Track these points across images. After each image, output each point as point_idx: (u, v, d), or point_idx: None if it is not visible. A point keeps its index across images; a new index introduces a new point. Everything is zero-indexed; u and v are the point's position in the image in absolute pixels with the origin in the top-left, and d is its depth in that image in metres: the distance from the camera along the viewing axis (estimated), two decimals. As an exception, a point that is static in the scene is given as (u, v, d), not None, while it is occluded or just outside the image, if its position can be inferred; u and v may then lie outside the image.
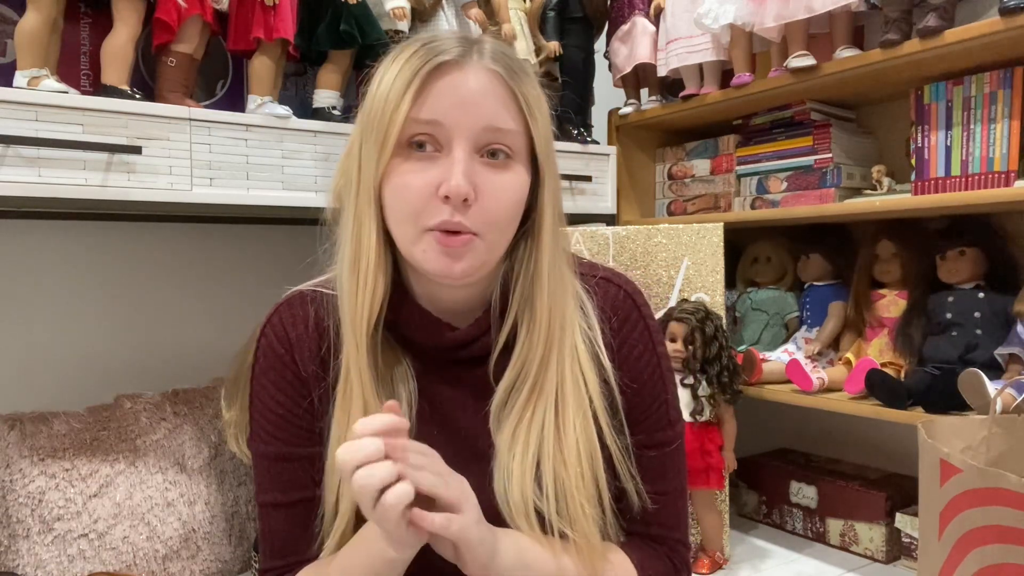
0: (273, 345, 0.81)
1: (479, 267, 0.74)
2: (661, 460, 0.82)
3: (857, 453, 1.68)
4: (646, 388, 0.82)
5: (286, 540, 0.79)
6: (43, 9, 1.14)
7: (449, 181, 0.69)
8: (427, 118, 0.70)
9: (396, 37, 1.46)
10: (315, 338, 0.79)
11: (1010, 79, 1.24)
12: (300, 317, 0.81)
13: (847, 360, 1.47)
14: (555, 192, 0.77)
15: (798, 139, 1.58)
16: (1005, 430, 1.06)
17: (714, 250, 1.46)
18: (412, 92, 0.70)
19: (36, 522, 1.21)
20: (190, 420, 1.40)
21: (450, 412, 0.80)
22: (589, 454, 0.76)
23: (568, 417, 0.76)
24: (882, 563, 1.44)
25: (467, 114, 0.70)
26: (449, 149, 0.71)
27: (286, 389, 0.79)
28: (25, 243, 1.50)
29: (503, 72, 0.73)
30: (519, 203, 0.75)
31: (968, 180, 1.29)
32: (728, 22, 1.52)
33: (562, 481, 0.74)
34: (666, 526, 0.83)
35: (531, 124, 0.74)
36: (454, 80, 0.71)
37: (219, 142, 1.26)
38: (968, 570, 0.90)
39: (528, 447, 0.75)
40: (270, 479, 0.80)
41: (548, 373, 0.76)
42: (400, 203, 0.72)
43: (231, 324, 1.56)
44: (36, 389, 1.48)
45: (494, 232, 0.73)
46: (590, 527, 0.75)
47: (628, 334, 0.82)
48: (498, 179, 0.72)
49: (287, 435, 0.79)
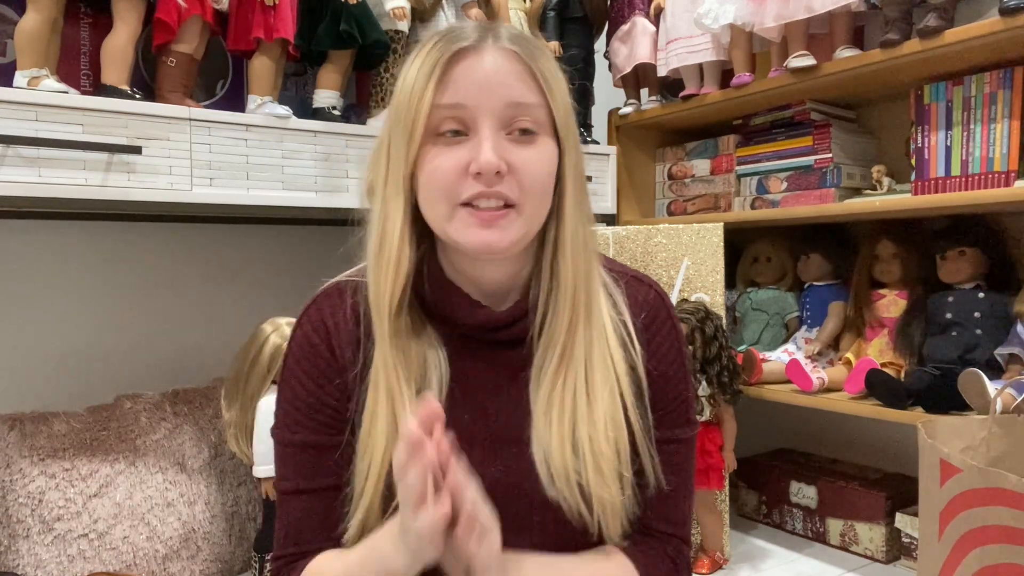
0: (309, 335, 0.82)
1: (517, 239, 0.75)
2: (675, 456, 0.84)
3: (857, 453, 1.68)
4: (670, 384, 0.83)
5: (303, 527, 0.80)
6: (43, 9, 1.14)
7: (479, 157, 0.71)
8: (451, 102, 0.73)
9: (396, 37, 1.46)
10: (353, 325, 0.81)
11: (1010, 79, 1.24)
12: (338, 305, 0.82)
13: (847, 360, 1.47)
14: (577, 164, 0.79)
15: (798, 139, 1.58)
16: (1005, 430, 1.06)
17: (714, 250, 1.46)
18: (435, 80, 0.73)
19: (36, 522, 1.21)
20: (190, 420, 1.41)
21: (482, 396, 0.81)
22: (615, 427, 0.78)
23: (596, 388, 0.78)
24: (882, 563, 1.44)
25: (488, 93, 0.73)
26: (476, 130, 0.73)
27: (318, 378, 0.80)
28: (25, 243, 1.50)
29: (519, 50, 0.75)
30: (551, 174, 0.76)
31: (968, 180, 1.29)
32: (728, 22, 1.52)
33: (597, 444, 0.76)
34: (672, 522, 0.84)
35: (550, 98, 0.76)
36: (473, 63, 0.74)
37: (219, 142, 1.26)
38: (968, 570, 0.90)
39: (564, 412, 0.77)
40: (294, 466, 0.81)
41: (576, 338, 0.77)
42: (433, 185, 0.74)
43: (231, 324, 1.56)
44: (36, 389, 1.48)
45: (530, 203, 0.75)
46: (619, 494, 0.77)
47: (657, 330, 0.84)
48: (527, 152, 0.74)
49: (315, 423, 0.80)
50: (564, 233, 0.78)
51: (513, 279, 0.81)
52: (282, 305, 1.48)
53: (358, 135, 1.41)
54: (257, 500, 1.39)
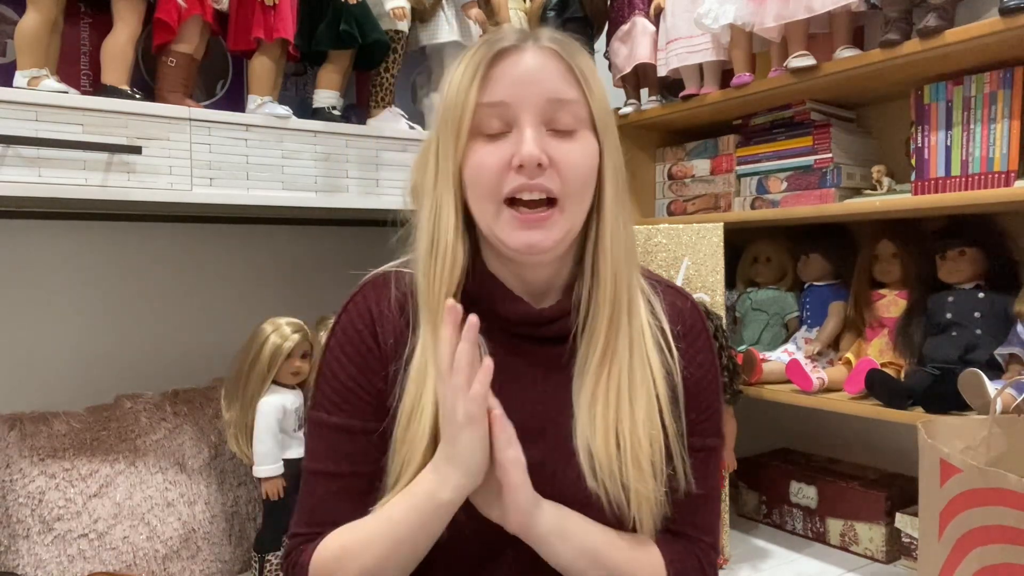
0: (354, 320, 0.83)
1: (560, 239, 0.77)
2: (705, 464, 0.85)
3: (857, 453, 1.68)
4: (704, 394, 0.85)
5: (325, 510, 0.81)
6: (43, 9, 1.14)
7: (520, 150, 0.74)
8: (494, 100, 0.76)
9: (396, 37, 1.46)
10: (397, 314, 0.82)
11: (1010, 79, 1.24)
12: (384, 295, 0.84)
13: (847, 360, 1.47)
14: (617, 163, 0.81)
15: (798, 139, 1.58)
16: (1005, 430, 1.06)
17: (714, 250, 1.46)
18: (478, 79, 0.76)
19: (36, 522, 1.21)
20: (190, 420, 1.41)
21: (521, 389, 0.82)
22: (653, 425, 0.80)
23: (636, 386, 0.80)
24: (882, 563, 1.44)
25: (529, 90, 0.75)
26: (518, 126, 0.75)
27: (360, 364, 0.82)
28: (25, 243, 1.50)
29: (559, 49, 0.78)
30: (592, 168, 0.78)
31: (968, 180, 1.29)
32: (728, 22, 1.52)
33: (637, 439, 0.78)
34: (700, 528, 0.86)
35: (589, 95, 0.78)
36: (514, 62, 0.76)
37: (219, 142, 1.26)
38: (968, 570, 0.90)
39: (608, 407, 0.78)
40: (325, 448, 0.82)
41: (619, 336, 0.79)
42: (478, 181, 0.76)
43: (231, 324, 1.56)
44: (36, 389, 1.48)
45: (572, 198, 0.77)
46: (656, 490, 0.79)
47: (694, 340, 0.86)
48: (568, 147, 0.76)
49: (353, 408, 0.81)
50: (604, 231, 0.80)
51: (555, 278, 0.83)
52: (282, 305, 1.49)
53: (358, 135, 1.41)
54: (257, 500, 1.39)
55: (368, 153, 1.42)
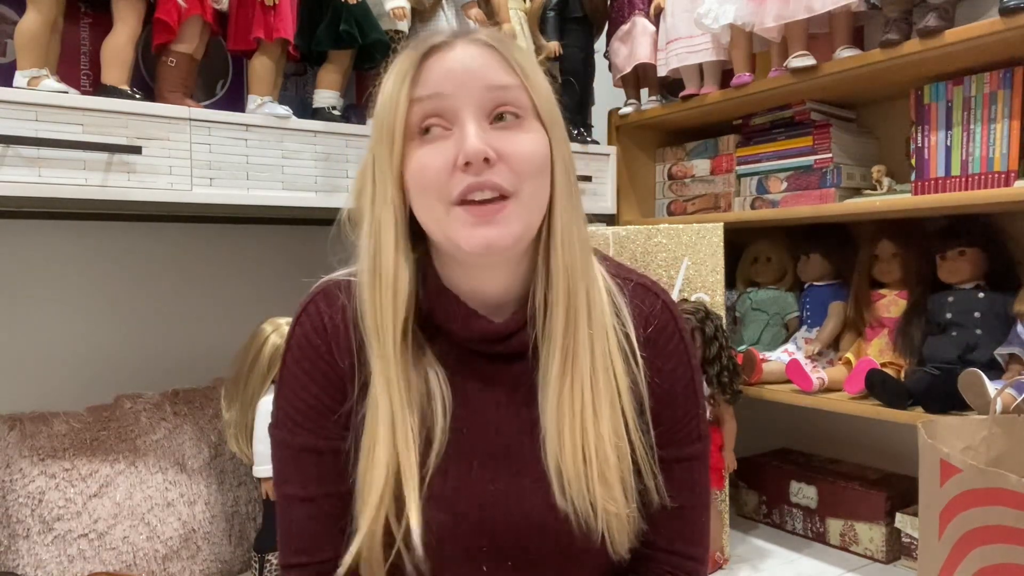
0: (308, 335, 0.78)
1: (520, 234, 0.71)
2: (688, 474, 0.81)
3: (857, 453, 1.68)
4: (678, 402, 0.80)
5: (309, 536, 0.77)
6: (43, 9, 1.14)
7: (464, 146, 0.68)
8: (427, 94, 0.71)
9: (396, 37, 1.46)
10: (351, 330, 0.77)
11: (1010, 79, 1.24)
12: (336, 307, 0.78)
13: (847, 360, 1.47)
14: (565, 155, 0.75)
15: (798, 139, 1.58)
16: (1005, 430, 1.06)
17: (714, 250, 1.46)
18: (409, 77, 0.71)
19: (36, 522, 1.21)
20: (190, 420, 1.41)
21: (483, 412, 0.78)
22: (618, 436, 0.75)
23: (601, 398, 0.74)
24: (882, 563, 1.44)
25: (464, 80, 0.71)
26: (459, 122, 0.70)
27: (319, 380, 0.77)
28: (25, 243, 1.50)
29: (492, 42, 0.73)
30: (543, 157, 0.73)
31: (968, 180, 1.29)
32: (728, 22, 1.52)
33: (603, 452, 0.73)
34: (688, 541, 0.81)
35: (527, 82, 0.73)
36: (446, 56, 0.72)
37: (219, 142, 1.26)
38: (968, 570, 0.90)
39: (574, 418, 0.73)
40: (294, 469, 0.77)
41: (578, 338, 0.74)
42: (422, 185, 0.71)
43: (231, 324, 1.56)
44: (36, 389, 1.48)
45: (526, 189, 0.71)
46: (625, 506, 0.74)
47: (664, 346, 0.80)
48: (516, 137, 0.71)
49: (316, 427, 0.77)
50: (555, 226, 0.74)
51: (513, 284, 0.77)
52: (282, 305, 1.48)
53: (358, 135, 1.41)
54: (257, 500, 1.39)
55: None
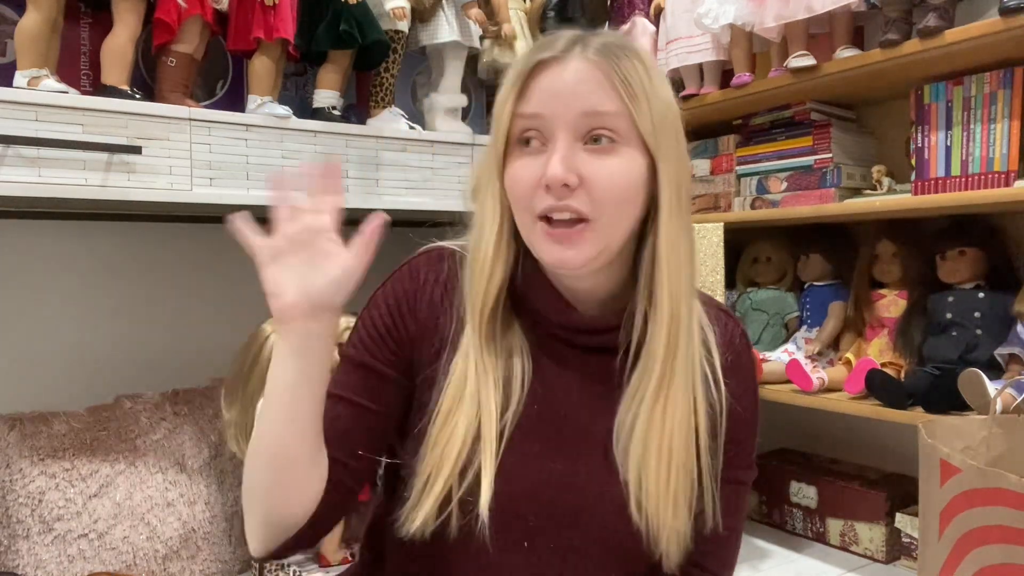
0: (404, 279, 0.83)
1: (594, 255, 0.75)
2: (736, 497, 0.85)
3: (857, 453, 1.68)
4: (742, 427, 0.84)
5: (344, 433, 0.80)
6: (43, 9, 1.14)
7: (547, 171, 0.72)
8: (529, 112, 0.75)
9: (396, 37, 1.46)
10: (440, 294, 0.82)
11: (1010, 79, 1.24)
12: (438, 269, 0.83)
13: (847, 360, 1.47)
14: (673, 177, 0.76)
15: (798, 139, 1.58)
16: (1005, 430, 1.06)
17: (714, 250, 1.46)
18: (516, 90, 0.75)
19: (36, 522, 1.21)
20: (190, 420, 1.41)
21: (561, 395, 0.81)
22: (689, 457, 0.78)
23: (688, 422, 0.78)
24: (882, 563, 1.44)
25: (563, 103, 0.73)
26: (552, 142, 0.74)
27: (397, 314, 0.82)
28: (25, 243, 1.50)
29: (603, 58, 0.74)
30: (629, 186, 0.75)
31: (968, 180, 1.29)
32: (728, 22, 1.52)
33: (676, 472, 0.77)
34: (724, 564, 0.86)
35: (632, 106, 0.74)
36: (552, 74, 0.75)
37: (219, 142, 1.26)
38: (968, 570, 0.90)
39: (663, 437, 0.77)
40: (344, 378, 0.82)
41: (675, 366, 0.77)
42: (514, 195, 0.76)
43: (231, 324, 1.56)
44: (36, 389, 1.48)
45: (605, 216, 0.74)
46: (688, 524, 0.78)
47: (739, 371, 0.85)
48: (603, 163, 0.73)
49: (376, 349, 0.81)
50: (660, 247, 0.76)
51: (597, 289, 0.81)
52: (282, 305, 1.48)
53: (358, 135, 1.41)
54: (257, 500, 1.39)
55: (368, 153, 1.42)
